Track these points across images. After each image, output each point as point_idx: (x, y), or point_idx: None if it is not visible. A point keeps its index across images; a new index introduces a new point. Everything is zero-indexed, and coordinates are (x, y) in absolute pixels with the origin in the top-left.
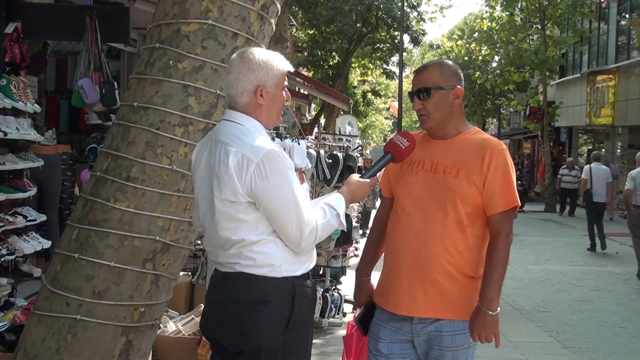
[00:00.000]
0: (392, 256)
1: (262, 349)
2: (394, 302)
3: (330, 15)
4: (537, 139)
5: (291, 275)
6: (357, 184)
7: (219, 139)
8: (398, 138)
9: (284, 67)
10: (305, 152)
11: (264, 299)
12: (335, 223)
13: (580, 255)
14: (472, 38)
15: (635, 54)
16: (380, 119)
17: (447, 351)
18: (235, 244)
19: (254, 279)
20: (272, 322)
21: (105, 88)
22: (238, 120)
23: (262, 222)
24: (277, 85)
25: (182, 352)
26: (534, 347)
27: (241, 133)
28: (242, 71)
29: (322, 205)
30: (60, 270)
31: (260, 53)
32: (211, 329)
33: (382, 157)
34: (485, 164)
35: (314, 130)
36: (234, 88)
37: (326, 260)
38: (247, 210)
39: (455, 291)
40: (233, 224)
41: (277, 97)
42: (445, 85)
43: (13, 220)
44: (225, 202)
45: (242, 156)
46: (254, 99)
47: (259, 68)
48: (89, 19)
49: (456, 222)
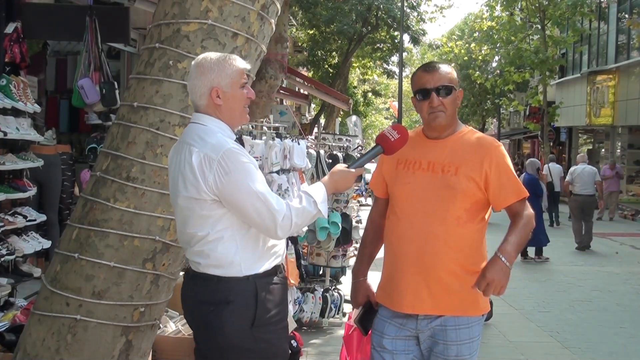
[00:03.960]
0: (393, 256)
1: (227, 349)
2: (399, 301)
3: (330, 15)
4: (537, 139)
5: (253, 273)
6: (340, 173)
7: (185, 140)
8: (390, 131)
9: (238, 65)
10: (305, 152)
11: (226, 300)
12: (312, 210)
13: (581, 255)
14: (472, 38)
15: (635, 54)
16: (380, 119)
17: (451, 345)
18: (199, 240)
19: (217, 280)
20: (235, 321)
21: (106, 88)
22: (201, 122)
23: (222, 220)
24: (233, 84)
25: (182, 352)
26: (534, 347)
27: (204, 133)
28: (197, 76)
29: (299, 193)
30: (60, 270)
31: (212, 56)
32: (189, 325)
33: (372, 148)
34: (486, 162)
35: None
36: (193, 93)
37: (326, 260)
38: (211, 207)
39: (459, 288)
40: (199, 221)
41: (236, 96)
42: (456, 86)
43: (13, 220)
44: (190, 200)
45: (204, 155)
46: (211, 101)
47: (210, 71)
48: (89, 19)
49: (456, 219)
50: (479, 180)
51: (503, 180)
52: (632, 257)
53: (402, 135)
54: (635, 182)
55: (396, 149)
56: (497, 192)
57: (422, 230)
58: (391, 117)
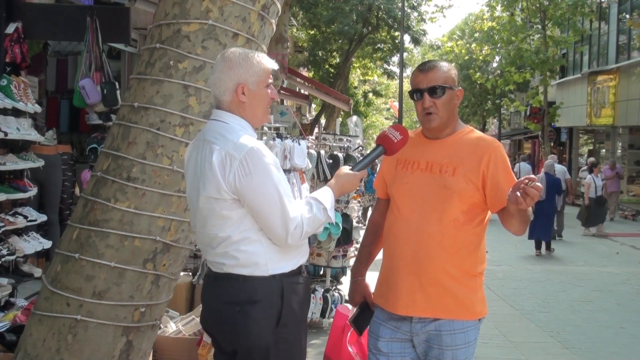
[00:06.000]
0: (390, 256)
1: (254, 349)
2: (393, 302)
3: (331, 15)
4: (537, 139)
5: (279, 272)
6: (346, 176)
7: (205, 138)
8: (390, 131)
9: (266, 64)
10: (305, 153)
11: (252, 299)
12: (322, 217)
13: (581, 255)
14: (472, 38)
15: (635, 54)
16: (381, 119)
17: (446, 350)
18: (222, 241)
19: (242, 279)
20: (262, 321)
21: (107, 88)
22: (223, 119)
23: (245, 220)
24: (259, 82)
25: (182, 352)
26: (534, 347)
27: (225, 131)
28: (223, 70)
29: (308, 200)
30: (61, 270)
31: (241, 52)
32: (209, 328)
33: (374, 150)
34: (483, 162)
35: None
36: (217, 88)
37: (327, 260)
38: (231, 206)
39: (454, 290)
40: (219, 221)
41: (260, 95)
42: (453, 85)
43: (13, 221)
44: (210, 199)
45: (225, 153)
46: (235, 97)
47: (238, 66)
48: (90, 19)
49: (453, 221)
50: (476, 181)
51: (500, 180)
52: (632, 257)
53: (403, 136)
54: (636, 182)
55: (397, 149)
56: (492, 193)
57: (418, 231)
58: (392, 118)
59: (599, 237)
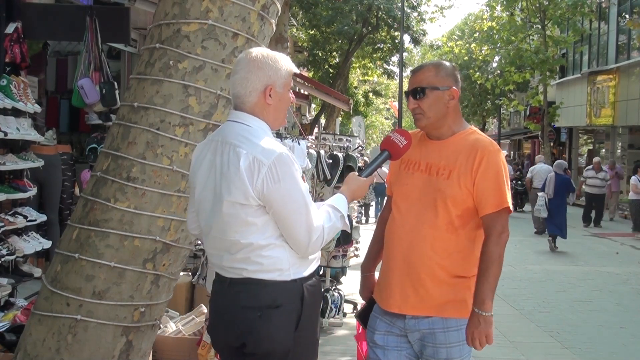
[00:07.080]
0: (387, 255)
1: (275, 354)
2: (387, 299)
3: (331, 15)
4: (537, 139)
5: (299, 277)
6: (356, 182)
7: (227, 140)
8: (395, 136)
9: (290, 67)
10: (305, 152)
11: (274, 304)
12: (340, 225)
13: (581, 255)
14: (472, 38)
15: (635, 54)
16: (381, 119)
17: (440, 348)
18: (243, 247)
19: (263, 284)
20: (284, 326)
21: (106, 88)
22: (245, 122)
23: (270, 226)
24: (285, 85)
25: (182, 352)
26: (534, 347)
27: (250, 134)
28: (251, 70)
29: (326, 208)
30: (61, 270)
31: (268, 52)
32: (221, 335)
33: (379, 155)
34: (475, 164)
35: (314, 130)
36: (243, 87)
37: (326, 260)
38: (256, 213)
39: (443, 292)
40: (242, 227)
41: (285, 98)
42: (440, 85)
43: (13, 221)
44: (235, 205)
45: (253, 158)
46: (262, 99)
47: (268, 67)
48: (89, 19)
49: (447, 224)
50: (469, 185)
51: (486, 186)
52: (632, 257)
53: (408, 140)
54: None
55: (402, 153)
56: (479, 197)
57: (412, 232)
58: (391, 117)
59: (600, 237)
